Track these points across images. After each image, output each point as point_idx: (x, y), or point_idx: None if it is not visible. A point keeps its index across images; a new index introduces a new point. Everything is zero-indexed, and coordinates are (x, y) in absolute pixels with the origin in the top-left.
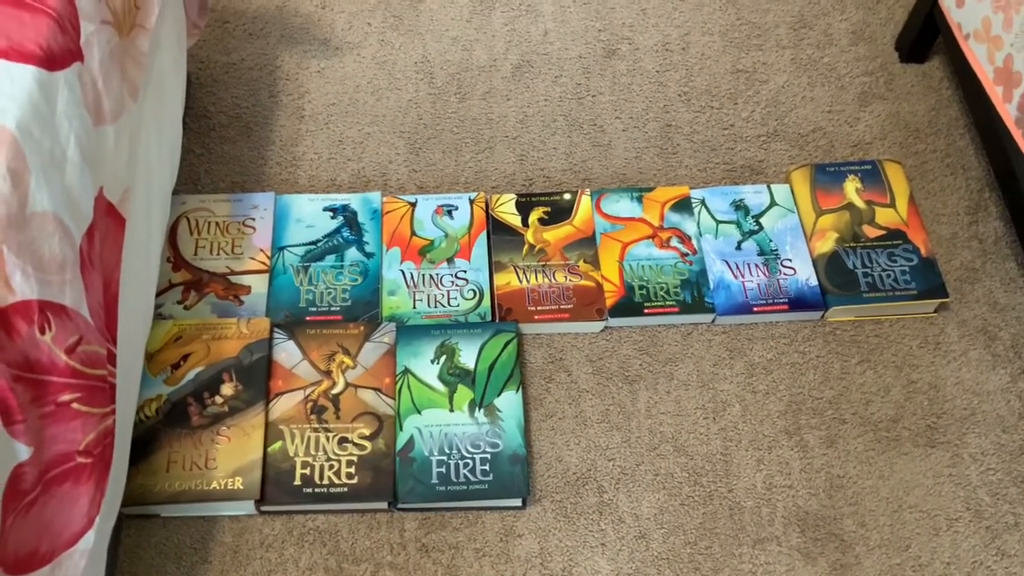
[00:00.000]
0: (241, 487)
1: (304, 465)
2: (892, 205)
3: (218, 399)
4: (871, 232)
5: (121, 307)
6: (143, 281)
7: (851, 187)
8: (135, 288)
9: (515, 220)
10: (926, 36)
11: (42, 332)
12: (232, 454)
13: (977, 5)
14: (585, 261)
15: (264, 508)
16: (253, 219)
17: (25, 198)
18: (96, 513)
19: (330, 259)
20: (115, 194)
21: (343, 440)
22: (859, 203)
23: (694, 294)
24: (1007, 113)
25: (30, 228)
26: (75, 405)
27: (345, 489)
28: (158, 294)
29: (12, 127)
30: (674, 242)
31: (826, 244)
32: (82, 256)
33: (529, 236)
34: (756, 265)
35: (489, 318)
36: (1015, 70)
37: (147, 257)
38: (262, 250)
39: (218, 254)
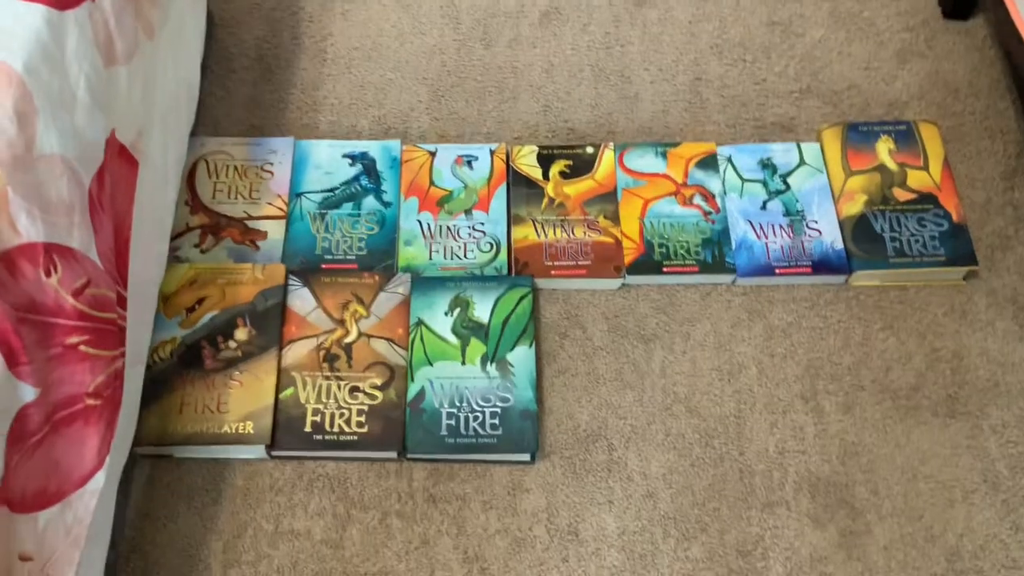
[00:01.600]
0: (252, 432)
1: (315, 412)
2: (925, 168)
3: (232, 344)
4: (901, 195)
5: (133, 249)
6: (158, 224)
7: (884, 148)
8: (149, 231)
9: (536, 172)
10: None
11: (48, 275)
12: (244, 399)
13: None
14: (605, 217)
15: (275, 453)
16: (271, 164)
17: (32, 140)
18: (106, 454)
19: (347, 207)
20: (128, 136)
21: (354, 389)
22: (891, 165)
23: (715, 254)
24: None
25: (37, 170)
26: (83, 347)
27: (355, 437)
28: (175, 237)
29: (20, 68)
30: (697, 200)
31: (854, 206)
32: (91, 199)
33: (549, 190)
34: (780, 226)
35: (505, 271)
36: None
37: (162, 200)
38: (279, 196)
39: (236, 198)
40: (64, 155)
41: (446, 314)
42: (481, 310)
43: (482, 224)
